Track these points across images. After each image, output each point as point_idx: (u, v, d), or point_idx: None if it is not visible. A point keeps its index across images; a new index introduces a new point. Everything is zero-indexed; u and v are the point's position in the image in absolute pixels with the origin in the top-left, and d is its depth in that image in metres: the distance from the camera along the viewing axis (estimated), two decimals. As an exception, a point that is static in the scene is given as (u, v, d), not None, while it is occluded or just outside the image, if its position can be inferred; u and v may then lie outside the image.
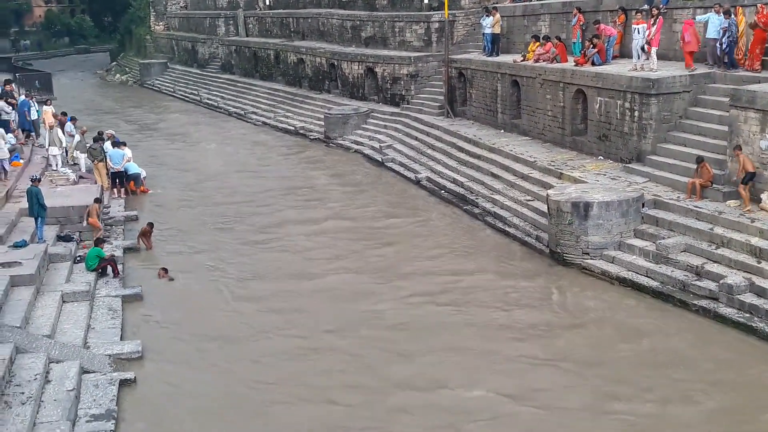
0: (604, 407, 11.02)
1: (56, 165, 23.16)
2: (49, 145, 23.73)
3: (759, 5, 17.69)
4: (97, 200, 19.01)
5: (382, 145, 27.40)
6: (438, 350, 12.91)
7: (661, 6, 19.90)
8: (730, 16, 18.00)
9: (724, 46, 18.22)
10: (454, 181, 22.13)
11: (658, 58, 19.02)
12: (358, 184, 24.45)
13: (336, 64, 35.36)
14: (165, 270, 16.71)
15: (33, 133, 26.35)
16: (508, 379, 11.92)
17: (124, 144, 24.44)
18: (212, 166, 27.98)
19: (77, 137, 24.60)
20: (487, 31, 25.93)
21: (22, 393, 10.83)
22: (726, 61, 18.27)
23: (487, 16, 25.98)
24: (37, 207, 16.55)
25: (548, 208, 16.69)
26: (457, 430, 10.63)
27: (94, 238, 17.32)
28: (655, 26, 19.00)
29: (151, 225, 18.80)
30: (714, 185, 15.90)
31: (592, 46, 20.82)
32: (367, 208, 21.66)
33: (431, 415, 10.98)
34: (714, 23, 18.28)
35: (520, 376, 12.00)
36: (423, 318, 14.20)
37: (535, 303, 14.66)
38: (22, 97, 26.57)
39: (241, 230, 19.95)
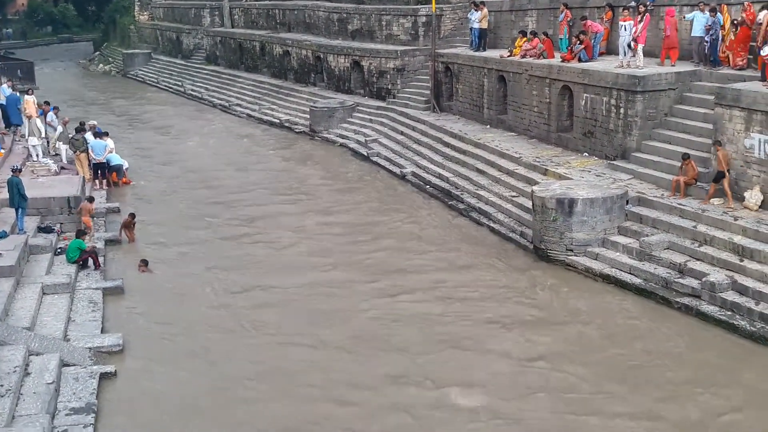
0: (588, 406, 11.01)
1: (36, 155, 22.90)
2: (28, 136, 23.44)
3: (746, 3, 17.76)
4: (91, 199, 18.80)
5: (367, 139, 27.31)
6: (424, 346, 12.87)
7: (648, 3, 19.92)
8: (716, 14, 18.06)
9: (708, 44, 18.31)
10: (440, 176, 22.10)
11: (644, 55, 19.05)
12: (343, 178, 24.36)
13: (322, 57, 35.21)
14: (145, 263, 16.56)
15: (20, 127, 25.99)
16: (490, 376, 11.90)
17: (107, 134, 24.20)
18: (196, 159, 27.81)
19: (59, 128, 24.34)
20: (475, 25, 25.90)
21: (1, 386, 10.69)
22: (711, 59, 18.35)
23: (474, 10, 25.94)
24: (17, 197, 16.35)
25: (533, 204, 16.69)
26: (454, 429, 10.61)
27: (77, 231, 17.09)
28: (642, 23, 19.04)
29: (132, 216, 18.65)
30: (698, 183, 15.96)
31: (578, 42, 20.83)
32: (351, 202, 21.60)
33: (425, 416, 10.90)
34: (699, 21, 18.35)
35: (505, 373, 11.98)
36: (407, 314, 14.14)
37: (519, 300, 14.65)
38: (8, 90, 26.15)
39: (225, 224, 19.84)
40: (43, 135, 23.78)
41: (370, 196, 22.18)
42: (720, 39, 18.13)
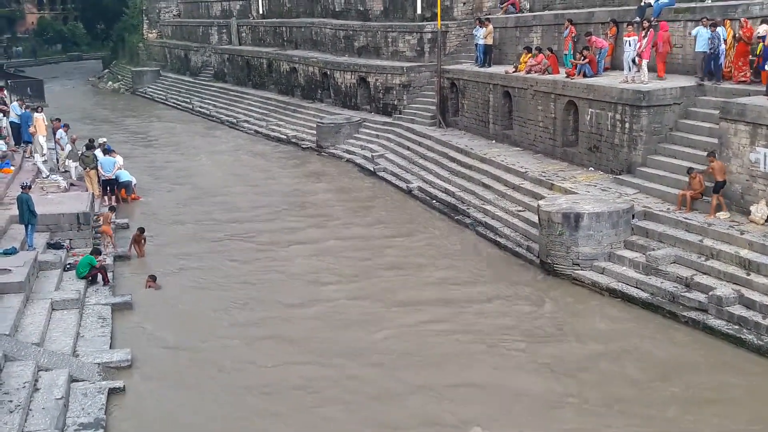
0: (602, 423, 10.99)
1: (41, 172, 23.15)
2: (34, 153, 23.71)
3: (743, 19, 17.87)
4: (112, 208, 19.22)
5: (374, 154, 27.44)
6: (434, 365, 12.89)
7: (652, 19, 20.04)
8: (716, 29, 18.16)
9: (712, 59, 18.42)
10: (446, 191, 22.18)
11: (648, 71, 19.14)
12: (349, 193, 24.45)
13: (329, 73, 35.43)
14: (153, 278, 16.65)
15: (31, 144, 26.27)
16: (499, 392, 11.93)
17: (115, 152, 24.40)
18: (204, 175, 27.96)
19: (68, 145, 24.54)
20: (480, 42, 26.06)
21: (11, 401, 10.77)
22: (715, 73, 18.46)
23: (479, 27, 26.11)
24: (27, 214, 16.49)
25: (539, 218, 16.74)
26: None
27: (106, 246, 17.27)
28: (646, 39, 19.13)
29: (142, 230, 18.79)
30: (704, 197, 15.99)
31: (582, 57, 20.94)
32: (359, 217, 21.68)
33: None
34: (702, 36, 18.43)
35: (515, 389, 12.01)
36: (415, 330, 14.17)
37: (525, 315, 14.65)
38: (19, 108, 26.39)
39: (233, 241, 19.87)
40: (45, 152, 23.98)
41: (376, 211, 22.25)
42: (722, 54, 18.21)
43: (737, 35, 17.86)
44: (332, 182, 25.99)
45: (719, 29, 18.17)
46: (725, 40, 18.17)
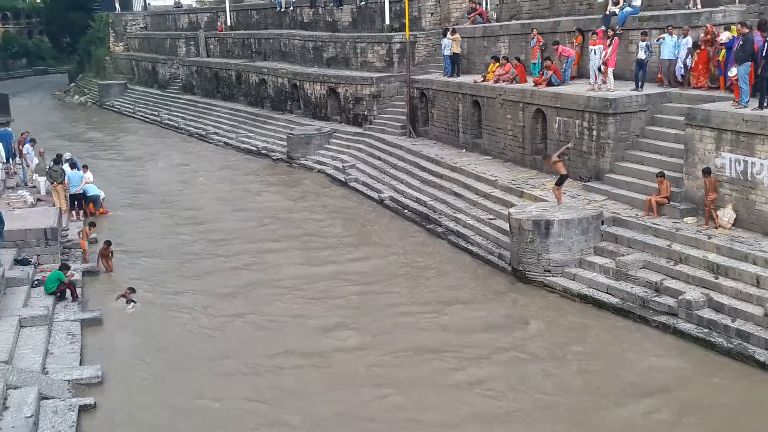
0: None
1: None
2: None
3: (708, 25, 18.19)
4: (92, 224, 19.55)
5: (345, 164, 27.44)
6: (407, 377, 12.91)
7: (617, 27, 20.32)
8: (680, 37, 18.52)
9: (678, 65, 18.75)
10: (417, 200, 22.24)
11: (614, 78, 19.38)
12: (320, 204, 24.40)
13: (298, 84, 35.41)
14: (132, 290, 16.43)
15: (15, 160, 26.29)
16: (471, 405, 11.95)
17: (86, 167, 24.18)
18: (172, 188, 27.76)
19: (35, 159, 24.25)
20: (447, 52, 26.19)
21: (-22, 421, 10.59)
22: (680, 80, 18.80)
23: (446, 37, 26.24)
24: None
25: (510, 226, 16.84)
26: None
27: (61, 264, 17.02)
28: (611, 47, 19.38)
29: (108, 243, 18.53)
30: (671, 202, 16.21)
31: (546, 67, 21.16)
32: (328, 227, 21.64)
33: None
34: (668, 44, 18.73)
35: (487, 399, 12.03)
36: (393, 335, 14.20)
37: (498, 322, 14.73)
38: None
39: (203, 254, 19.76)
40: (2, 160, 23.84)
41: (347, 221, 22.24)
42: (682, 60, 18.56)
43: (698, 42, 18.19)
44: (303, 193, 25.92)
45: (683, 38, 18.52)
46: (689, 48, 18.48)
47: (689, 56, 18.54)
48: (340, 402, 11.99)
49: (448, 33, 26.25)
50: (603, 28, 20.46)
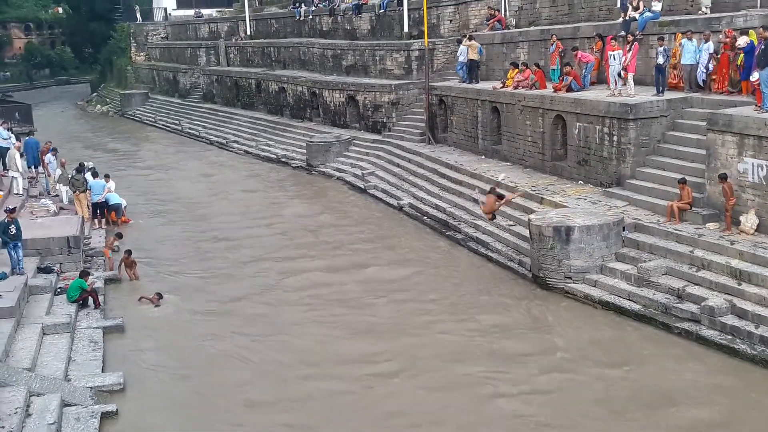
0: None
1: (18, 189, 23.28)
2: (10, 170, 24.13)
3: (726, 30, 18.06)
4: (119, 235, 19.75)
5: (364, 172, 27.48)
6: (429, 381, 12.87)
7: (636, 32, 20.22)
8: (701, 41, 18.39)
9: (699, 70, 18.61)
10: (437, 207, 22.21)
11: (635, 84, 19.28)
12: (340, 211, 24.43)
13: (317, 92, 35.53)
14: (159, 295, 16.67)
15: (38, 169, 26.60)
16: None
17: (108, 176, 24.41)
18: (194, 196, 27.92)
19: (58, 170, 24.51)
20: (462, 58, 26.17)
21: (2, 427, 10.67)
22: (701, 85, 18.67)
23: (462, 44, 26.24)
24: (3, 237, 16.36)
25: (530, 232, 16.77)
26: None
27: (81, 271, 17.13)
28: (631, 52, 19.29)
29: (129, 252, 18.66)
30: (693, 208, 16.07)
31: (566, 73, 21.09)
32: (350, 234, 21.66)
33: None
34: (688, 49, 18.61)
35: (510, 405, 11.97)
36: (415, 343, 14.20)
37: (519, 329, 14.65)
38: (5, 132, 26.45)
39: (225, 262, 19.81)
40: (20, 170, 24.08)
41: (368, 229, 22.23)
42: (704, 65, 18.42)
43: (719, 47, 18.08)
44: (322, 201, 25.99)
45: (704, 42, 18.40)
46: (711, 53, 18.35)
47: (711, 61, 18.43)
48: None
49: (465, 40, 26.25)
50: (623, 33, 20.39)
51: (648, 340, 13.72)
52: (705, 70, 18.57)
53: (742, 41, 17.16)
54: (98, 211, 23.16)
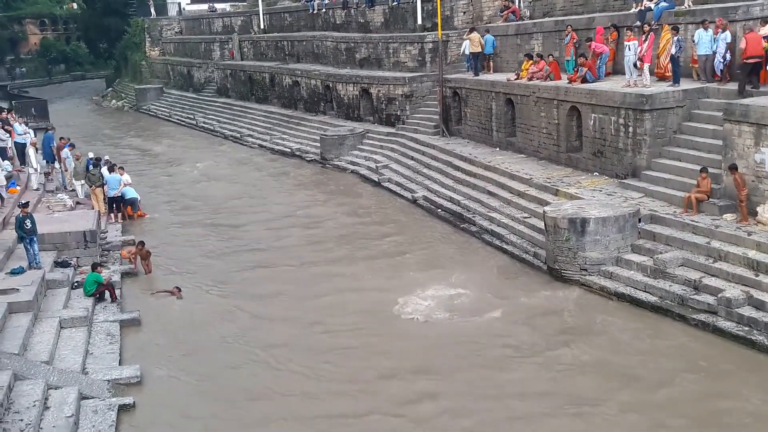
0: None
1: (33, 184, 23.43)
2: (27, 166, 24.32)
3: (747, 21, 17.86)
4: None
5: (378, 165, 27.47)
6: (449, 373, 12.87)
7: (652, 22, 20.07)
8: (719, 32, 18.21)
9: (716, 61, 18.43)
10: (451, 200, 22.17)
11: (650, 74, 19.14)
12: (355, 204, 24.44)
13: (331, 86, 35.53)
14: (178, 289, 16.88)
15: (54, 164, 26.69)
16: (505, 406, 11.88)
17: (122, 169, 24.50)
18: (209, 190, 28.01)
19: (73, 164, 24.67)
20: (467, 52, 26.42)
21: (21, 420, 10.77)
22: (718, 75, 18.49)
23: (465, 38, 26.35)
24: (19, 231, 16.48)
25: (545, 224, 16.71)
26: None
27: (92, 264, 17.19)
28: (647, 43, 19.15)
29: (142, 244, 18.67)
30: (710, 199, 15.96)
31: (581, 64, 20.97)
32: (364, 227, 21.66)
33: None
34: (704, 40, 18.43)
35: (523, 399, 11.97)
36: (430, 335, 14.21)
37: (536, 321, 14.61)
38: (20, 128, 26.62)
39: (242, 255, 19.84)
40: (35, 166, 24.23)
41: (383, 222, 22.21)
42: (721, 55, 18.24)
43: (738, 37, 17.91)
44: (337, 195, 25.99)
45: (721, 32, 18.20)
46: (729, 43, 18.17)
47: (728, 51, 18.24)
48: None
49: (465, 33, 26.32)
50: (638, 23, 20.25)
51: (664, 331, 13.62)
52: (722, 60, 18.38)
53: (764, 31, 16.96)
54: (114, 206, 23.28)
